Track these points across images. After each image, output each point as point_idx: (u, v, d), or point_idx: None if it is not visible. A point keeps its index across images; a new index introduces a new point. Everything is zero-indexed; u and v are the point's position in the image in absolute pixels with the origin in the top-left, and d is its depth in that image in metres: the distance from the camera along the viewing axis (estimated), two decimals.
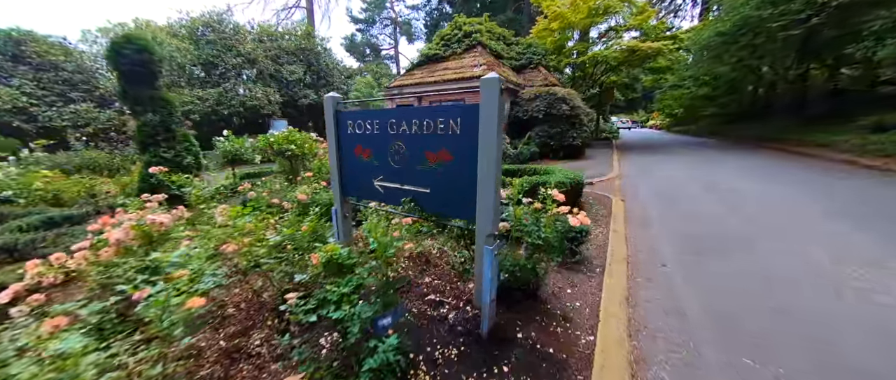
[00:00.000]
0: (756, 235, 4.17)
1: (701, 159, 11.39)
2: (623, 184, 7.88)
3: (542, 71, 15.21)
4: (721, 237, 4.11)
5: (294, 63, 19.57)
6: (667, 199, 6.11)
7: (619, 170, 9.86)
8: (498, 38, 16.07)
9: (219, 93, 15.93)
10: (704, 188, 6.82)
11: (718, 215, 4.97)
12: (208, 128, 17.39)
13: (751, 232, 4.27)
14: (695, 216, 5.01)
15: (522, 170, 7.15)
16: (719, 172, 8.58)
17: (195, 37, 17.11)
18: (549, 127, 12.02)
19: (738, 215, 4.98)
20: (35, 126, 12.67)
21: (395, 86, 15.12)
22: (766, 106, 22.26)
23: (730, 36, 16.69)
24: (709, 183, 7.31)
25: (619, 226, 4.46)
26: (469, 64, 13.42)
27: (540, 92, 12.13)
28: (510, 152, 11.31)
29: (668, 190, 6.81)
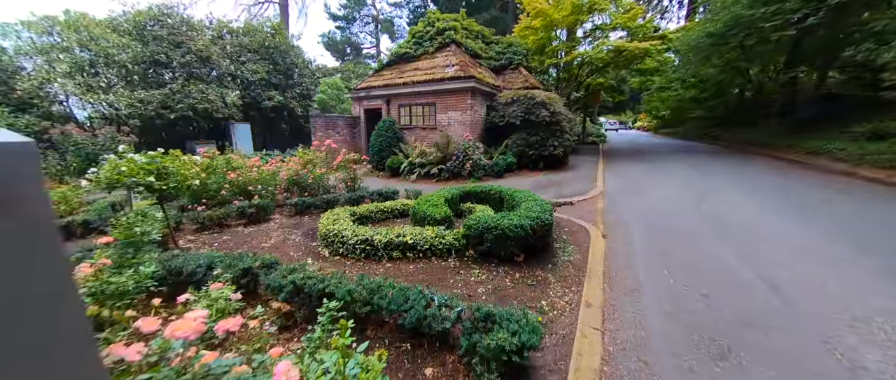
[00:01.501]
0: (789, 306, 2.97)
1: (694, 172, 10.35)
2: (607, 206, 6.69)
3: (522, 72, 14.03)
4: (747, 316, 2.89)
5: (257, 62, 17.93)
6: (660, 236, 4.91)
7: (604, 185, 8.69)
8: (476, 37, 14.83)
9: (164, 95, 14.23)
10: (705, 219, 5.65)
11: (732, 269, 3.77)
12: (153, 136, 15.68)
13: (782, 299, 3.08)
14: (699, 269, 3.80)
15: (486, 193, 5.89)
16: (718, 192, 7.46)
17: (142, 32, 15.33)
18: (528, 134, 10.81)
19: (755, 265, 3.79)
20: None
21: (361, 87, 13.72)
22: (753, 109, 21.65)
23: (720, 36, 15.81)
24: (710, 211, 6.15)
25: (594, 292, 3.21)
26: (441, 64, 12.13)
27: (518, 95, 10.92)
28: (483, 163, 10.05)
29: (661, 221, 5.62)
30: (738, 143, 17.77)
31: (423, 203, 4.63)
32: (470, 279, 3.33)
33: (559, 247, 4.29)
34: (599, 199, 7.34)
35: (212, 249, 4.31)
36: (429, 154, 10.75)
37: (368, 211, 5.28)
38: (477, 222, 3.61)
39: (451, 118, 11.43)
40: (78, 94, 13.27)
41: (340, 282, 2.50)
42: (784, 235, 4.69)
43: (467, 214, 5.55)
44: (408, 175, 10.72)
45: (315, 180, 6.44)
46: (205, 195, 5.51)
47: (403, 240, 3.68)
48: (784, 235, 4.69)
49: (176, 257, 2.97)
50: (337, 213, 4.75)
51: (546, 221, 3.80)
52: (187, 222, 5.15)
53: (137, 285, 2.37)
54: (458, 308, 2.14)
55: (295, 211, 5.90)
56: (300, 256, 3.96)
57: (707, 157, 13.87)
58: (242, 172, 5.98)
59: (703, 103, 28.29)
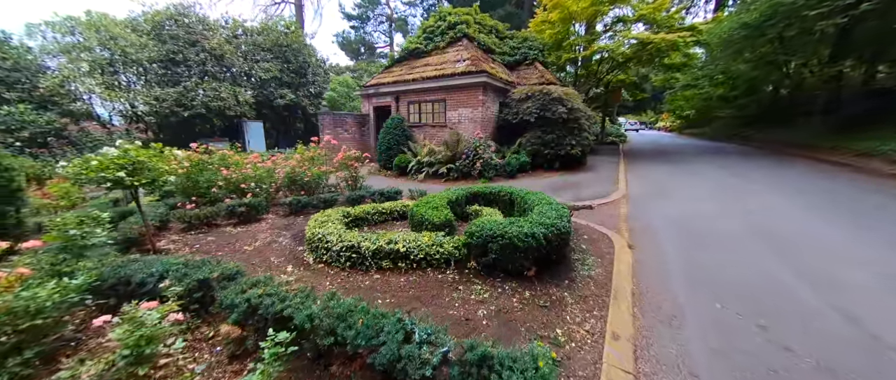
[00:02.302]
0: (878, 345, 2.30)
1: (727, 174, 9.42)
2: (632, 211, 5.99)
3: (538, 68, 13.34)
4: (824, 358, 2.25)
5: (269, 60, 17.96)
6: (697, 247, 4.22)
7: (627, 188, 7.95)
8: (489, 31, 14.23)
9: (178, 93, 14.37)
10: (748, 227, 4.90)
11: (791, 291, 3.09)
12: (170, 133, 15.89)
13: (866, 335, 2.40)
14: (750, 291, 3.13)
15: (495, 194, 5.34)
16: (758, 197, 6.62)
17: (160, 32, 15.59)
18: (543, 132, 10.15)
19: (819, 286, 3.09)
20: None
21: (371, 84, 13.39)
22: (790, 107, 20.05)
23: (755, 27, 14.60)
24: (753, 218, 5.38)
25: (622, 318, 2.61)
26: (452, 59, 11.62)
27: (532, 91, 10.27)
28: (495, 162, 9.47)
29: (697, 229, 4.91)
30: (773, 143, 16.43)
31: (421, 205, 4.13)
32: (470, 297, 2.80)
33: (578, 258, 3.70)
34: (622, 203, 6.63)
35: (191, 251, 3.96)
36: (437, 153, 10.26)
37: (364, 212, 4.82)
38: (480, 229, 3.07)
39: (462, 115, 10.90)
40: (98, 92, 13.55)
41: (304, 302, 2.03)
42: (844, 247, 3.93)
43: (473, 217, 5.02)
44: (415, 174, 10.26)
45: (313, 179, 6.06)
46: (195, 193, 5.21)
47: (395, 247, 3.19)
48: (844, 247, 3.93)
49: (127, 264, 2.58)
50: (328, 214, 4.32)
51: (562, 228, 3.22)
52: (175, 221, 4.85)
53: (63, 299, 1.97)
54: (444, 348, 1.62)
55: (289, 211, 5.53)
56: (281, 263, 3.54)
57: (739, 158, 12.76)
58: (236, 169, 5.66)
59: (732, 102, 26.58)
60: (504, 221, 3.16)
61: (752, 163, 11.40)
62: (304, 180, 5.95)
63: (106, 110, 15.37)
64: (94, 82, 13.69)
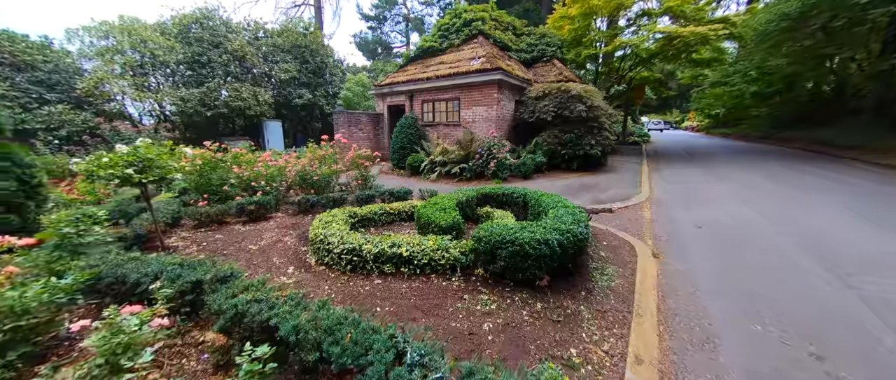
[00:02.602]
0: None
1: (763, 176, 8.71)
2: (657, 217, 5.57)
3: (556, 65, 12.88)
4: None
5: (288, 61, 18.33)
6: (732, 258, 3.83)
7: (651, 191, 7.46)
8: (505, 28, 13.90)
9: (202, 93, 14.87)
10: (793, 238, 4.43)
11: (850, 313, 2.69)
12: (195, 132, 16.50)
13: None
14: (798, 311, 2.76)
15: (508, 196, 5.08)
16: (808, 206, 6.03)
17: (186, 35, 16.20)
18: (561, 132, 9.75)
19: (884, 309, 2.68)
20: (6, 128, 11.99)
21: (385, 83, 13.36)
22: (834, 106, 18.54)
23: (797, 18, 13.57)
24: (799, 228, 4.88)
25: (646, 339, 2.32)
26: (467, 56, 11.39)
27: (550, 89, 9.89)
28: (509, 162, 9.17)
29: (731, 238, 4.48)
30: (816, 145, 15.17)
31: (428, 207, 3.94)
32: (475, 308, 2.58)
33: (596, 267, 3.40)
34: (646, 207, 6.20)
35: (198, 249, 3.94)
36: (451, 152, 10.06)
37: (372, 213, 4.69)
38: (488, 234, 2.84)
39: (476, 114, 10.65)
40: (129, 93, 14.23)
41: (293, 311, 1.88)
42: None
43: (484, 219, 4.78)
44: (428, 174, 10.11)
45: (323, 178, 6.00)
46: (206, 190, 5.24)
47: (398, 251, 3.02)
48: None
49: (125, 263, 2.53)
50: (333, 214, 4.21)
51: (580, 235, 2.94)
52: (187, 218, 4.89)
53: (51, 299, 1.91)
54: (438, 375, 1.42)
55: (298, 210, 5.48)
56: (282, 264, 3.44)
57: (779, 161, 11.83)
58: (248, 167, 5.68)
59: (767, 100, 24.94)
60: (515, 226, 2.92)
61: (795, 167, 10.52)
62: (314, 180, 5.90)
63: (136, 110, 16.17)
64: (126, 83, 14.40)
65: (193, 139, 17.94)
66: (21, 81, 12.74)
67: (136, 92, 14.16)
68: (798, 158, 12.48)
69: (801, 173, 9.32)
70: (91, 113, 13.48)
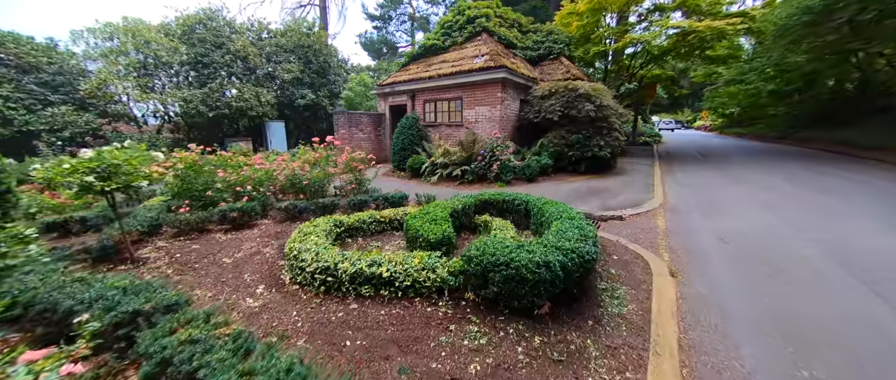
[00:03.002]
0: None
1: (785, 179, 8.13)
2: (672, 226, 5.10)
3: (564, 62, 12.40)
4: None
5: (292, 61, 18.18)
6: (763, 276, 3.37)
7: (664, 196, 6.97)
8: (511, 25, 13.46)
9: (204, 94, 14.79)
10: (829, 255, 3.95)
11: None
12: (199, 133, 16.48)
13: None
14: (850, 344, 2.31)
15: (509, 202, 4.69)
16: (839, 215, 5.50)
17: (190, 36, 16.17)
18: (567, 132, 9.29)
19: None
20: (10, 130, 12.07)
21: (387, 83, 13.04)
22: (858, 104, 17.64)
23: (820, 11, 12.82)
24: (833, 243, 4.39)
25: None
26: (470, 54, 11.00)
27: (556, 87, 9.43)
28: (513, 164, 8.75)
29: (760, 250, 4.02)
30: (838, 145, 14.38)
31: (418, 217, 3.57)
32: (462, 343, 2.21)
33: (605, 288, 2.99)
34: (660, 214, 5.73)
35: (170, 262, 3.64)
36: (452, 154, 9.68)
37: (360, 221, 4.34)
38: (480, 254, 2.46)
39: (479, 114, 10.25)
40: (132, 94, 14.22)
41: (228, 360, 1.53)
42: None
43: (482, 229, 4.40)
44: (429, 177, 9.75)
45: (313, 182, 5.68)
46: (190, 196, 4.97)
47: (378, 271, 2.65)
48: None
49: (66, 286, 2.22)
50: (316, 224, 3.87)
51: (587, 255, 2.54)
52: (166, 226, 4.62)
53: None
54: None
55: (285, 216, 5.18)
56: (254, 282, 3.11)
57: (799, 163, 11.15)
58: (235, 171, 5.40)
59: (785, 98, 23.93)
60: (511, 244, 2.53)
61: (815, 168, 9.88)
62: (303, 184, 5.58)
63: (141, 112, 16.20)
64: (130, 84, 14.40)
65: (198, 140, 17.99)
66: (26, 83, 12.82)
67: (139, 93, 14.14)
68: (818, 159, 11.80)
69: (821, 175, 8.73)
70: (94, 114, 13.51)
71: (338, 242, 4.03)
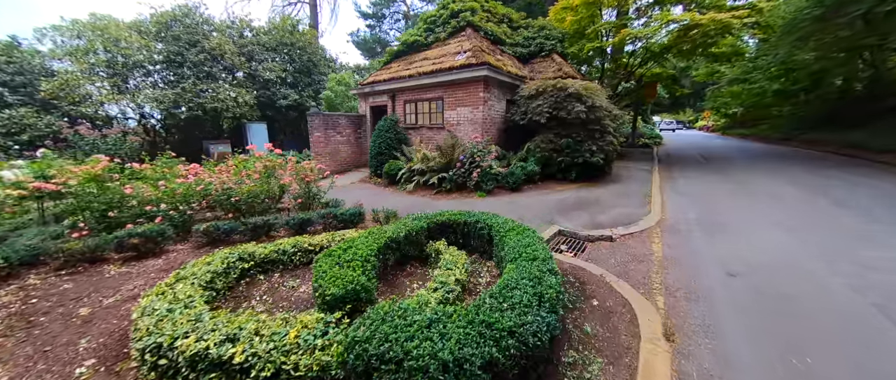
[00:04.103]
0: None
1: (797, 188, 7.24)
2: (670, 251, 4.23)
3: (556, 60, 11.53)
4: None
5: (274, 59, 17.35)
6: (793, 337, 2.51)
7: (663, 210, 6.09)
8: (500, 20, 12.61)
9: (176, 94, 13.97)
10: (867, 291, 3.08)
11: None
12: (179, 135, 15.67)
13: None
14: None
15: (471, 225, 3.86)
16: (867, 237, 4.63)
17: (164, 33, 15.35)
18: (556, 136, 8.42)
19: None
20: None
21: (367, 83, 12.21)
22: (868, 105, 16.76)
23: (831, 6, 11.93)
24: (873, 275, 3.52)
25: None
26: (452, 51, 10.14)
27: (544, 86, 8.56)
28: (495, 171, 7.88)
29: (781, 290, 3.17)
30: (848, 148, 13.52)
31: (326, 259, 2.68)
32: None
33: (573, 363, 2.12)
34: (656, 235, 4.86)
35: (10, 313, 2.79)
36: (431, 159, 8.83)
37: (279, 251, 3.49)
38: (368, 336, 1.60)
39: (461, 115, 9.39)
40: (96, 95, 13.39)
41: None
42: None
43: (432, 260, 3.55)
44: (405, 184, 8.90)
45: (246, 198, 4.82)
46: (82, 218, 4.13)
47: (227, 353, 1.79)
48: None
49: None
50: (209, 260, 3.02)
51: (536, 338, 1.68)
52: (46, 257, 3.76)
53: None
54: None
55: (206, 240, 4.32)
56: (88, 352, 2.26)
57: (808, 168, 10.27)
58: (149, 184, 4.55)
59: (791, 98, 23.00)
60: (420, 319, 1.66)
61: (827, 174, 9.01)
62: (232, 201, 4.72)
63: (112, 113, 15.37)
64: (97, 85, 13.60)
65: (176, 143, 17.20)
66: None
67: (106, 94, 13.33)
68: (827, 163, 11.01)
69: (832, 181, 7.92)
70: (57, 116, 12.70)
71: (241, 283, 3.18)
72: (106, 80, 13.85)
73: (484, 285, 3.22)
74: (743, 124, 29.27)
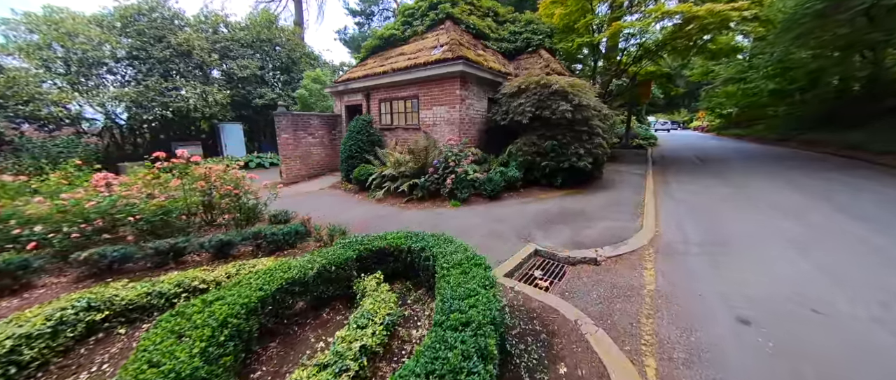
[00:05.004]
0: None
1: (803, 194, 6.53)
2: (665, 281, 3.44)
3: (543, 55, 10.76)
4: None
5: (249, 56, 16.40)
6: None
7: (657, 223, 5.32)
8: (484, 14, 11.82)
9: (138, 92, 12.99)
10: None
11: None
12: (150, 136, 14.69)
13: None
14: None
15: (414, 253, 3.04)
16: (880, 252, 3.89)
17: (127, 27, 14.35)
18: (539, 138, 7.63)
19: None
20: None
21: (341, 80, 11.35)
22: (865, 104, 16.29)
23: (833, 1, 11.31)
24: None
25: None
26: (429, 45, 9.33)
27: (527, 83, 7.77)
28: (472, 178, 7.07)
29: (813, 349, 2.38)
30: (848, 150, 12.99)
31: (169, 322, 1.85)
32: None
33: None
34: (648, 257, 4.07)
35: None
36: (404, 163, 8.01)
37: (152, 293, 2.63)
38: None
39: (437, 115, 8.58)
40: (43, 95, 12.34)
41: None
42: None
43: (359, 299, 2.72)
44: (375, 191, 8.07)
45: (157, 214, 3.96)
46: None
47: None
48: None
49: None
50: (28, 317, 2.17)
51: None
52: None
53: None
54: None
55: (89, 271, 3.46)
56: None
57: (808, 170, 9.63)
58: (25, 199, 3.67)
59: (787, 98, 22.49)
60: None
61: (828, 176, 8.39)
62: (132, 220, 3.85)
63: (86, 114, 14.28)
64: (49, 83, 12.58)
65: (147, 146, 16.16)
66: None
67: (58, 92, 12.32)
68: (828, 165, 10.50)
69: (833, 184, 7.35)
70: (2, 117, 11.66)
71: (90, 340, 2.33)
72: (61, 77, 12.84)
73: (418, 340, 2.41)
74: (738, 125, 28.82)
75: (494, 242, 4.62)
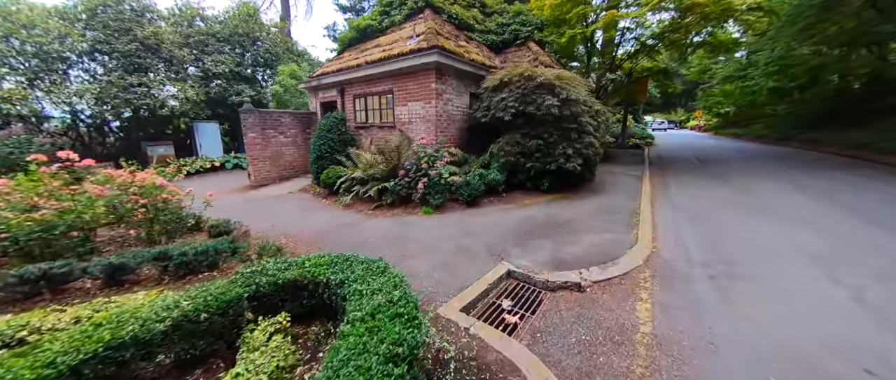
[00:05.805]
0: None
1: (810, 198, 5.82)
2: (664, 320, 2.68)
3: (532, 48, 10.01)
4: None
5: (225, 52, 15.52)
6: None
7: (655, 235, 4.56)
8: (471, 4, 11.05)
9: (101, 89, 12.09)
10: None
11: None
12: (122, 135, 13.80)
13: None
14: None
15: (329, 288, 2.22)
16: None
17: (92, 19, 13.43)
18: (524, 136, 6.87)
19: None
20: None
21: (315, 75, 10.54)
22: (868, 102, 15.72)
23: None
24: None
25: None
26: (405, 36, 8.54)
27: (510, 76, 7.00)
28: (447, 181, 6.30)
29: None
30: (852, 149, 12.42)
31: None
32: None
33: None
34: (643, 282, 3.32)
35: None
36: (375, 165, 7.22)
37: None
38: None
39: (412, 112, 7.80)
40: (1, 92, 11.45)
41: None
42: None
43: (244, 352, 1.93)
44: (343, 195, 7.27)
45: (33, 231, 3.16)
46: None
47: None
48: None
49: None
50: None
51: None
52: None
53: None
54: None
55: None
56: None
57: (815, 171, 8.96)
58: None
59: (786, 97, 21.90)
60: None
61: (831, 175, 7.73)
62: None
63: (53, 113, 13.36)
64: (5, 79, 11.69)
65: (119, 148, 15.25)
66: None
67: (8, 89, 11.42)
68: (834, 166, 9.89)
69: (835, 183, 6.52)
70: None
71: None
72: (17, 73, 11.92)
73: None
74: (736, 124, 28.26)
75: (462, 260, 3.86)
